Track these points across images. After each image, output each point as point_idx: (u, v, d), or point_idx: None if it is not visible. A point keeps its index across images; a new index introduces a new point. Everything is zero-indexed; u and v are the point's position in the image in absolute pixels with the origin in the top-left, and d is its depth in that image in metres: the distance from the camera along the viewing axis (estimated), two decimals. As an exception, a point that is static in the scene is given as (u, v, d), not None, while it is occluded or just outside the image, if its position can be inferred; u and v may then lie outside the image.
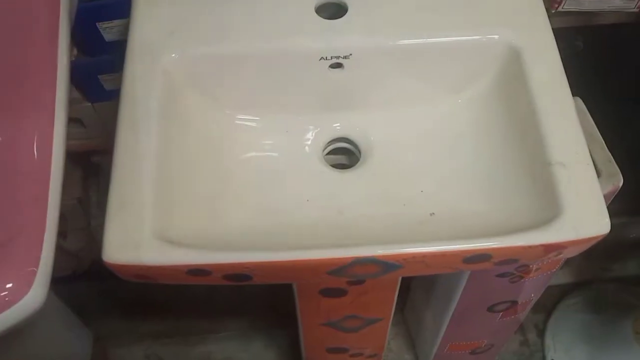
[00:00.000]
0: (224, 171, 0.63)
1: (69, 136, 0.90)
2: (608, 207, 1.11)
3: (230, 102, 0.64)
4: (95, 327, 1.11)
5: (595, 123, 0.73)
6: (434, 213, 0.61)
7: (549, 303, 1.22)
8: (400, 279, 0.79)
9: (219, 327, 1.19)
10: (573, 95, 0.62)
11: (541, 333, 1.19)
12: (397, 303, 1.19)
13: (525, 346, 1.18)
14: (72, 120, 0.87)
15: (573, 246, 0.53)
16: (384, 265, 0.52)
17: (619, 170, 0.66)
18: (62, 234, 1.04)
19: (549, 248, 0.52)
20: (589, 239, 0.53)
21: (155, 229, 0.52)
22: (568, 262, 1.24)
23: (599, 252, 1.24)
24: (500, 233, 0.53)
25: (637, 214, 1.25)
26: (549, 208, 0.54)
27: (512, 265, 0.55)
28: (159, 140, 0.57)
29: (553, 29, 0.64)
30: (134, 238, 0.51)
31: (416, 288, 1.07)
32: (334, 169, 0.66)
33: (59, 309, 1.02)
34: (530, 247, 0.52)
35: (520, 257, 0.54)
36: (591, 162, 0.55)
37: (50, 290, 0.98)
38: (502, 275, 0.79)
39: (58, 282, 1.01)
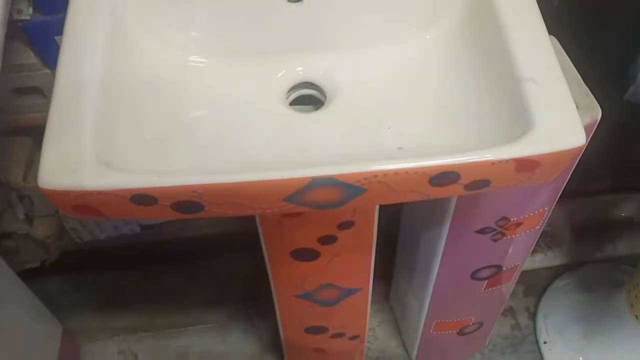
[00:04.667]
0: (175, 112, 0.59)
1: (27, 109, 0.88)
2: (597, 185, 1.07)
3: (183, 43, 0.61)
4: (67, 322, 1.07)
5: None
6: (401, 147, 0.58)
7: (540, 286, 1.18)
8: (374, 238, 0.75)
9: (197, 320, 1.14)
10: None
11: (533, 316, 1.14)
12: (381, 291, 1.15)
13: (517, 329, 1.13)
14: (31, 90, 0.83)
15: (547, 161, 0.49)
16: (346, 187, 0.48)
17: (596, 102, 0.63)
18: (28, 219, 1.00)
19: (521, 164, 0.49)
20: (563, 153, 0.49)
21: (96, 155, 0.48)
22: (558, 243, 1.20)
23: (589, 233, 1.21)
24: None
25: (627, 191, 1.22)
26: (520, 124, 0.50)
27: (484, 190, 0.51)
28: (104, 72, 0.53)
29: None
30: (73, 162, 0.48)
31: (399, 269, 1.03)
32: (297, 111, 0.63)
33: (26, 299, 0.98)
34: (500, 162, 0.48)
35: (491, 177, 0.50)
36: (562, 76, 0.52)
37: (18, 279, 0.95)
38: (482, 232, 0.75)
39: (27, 273, 0.98)
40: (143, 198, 0.48)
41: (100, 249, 1.10)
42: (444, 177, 0.49)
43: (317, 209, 0.51)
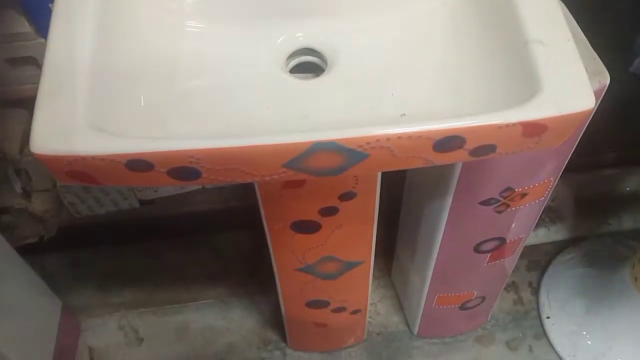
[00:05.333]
0: (172, 78, 0.58)
1: (22, 80, 0.86)
2: (602, 159, 1.04)
3: (179, 7, 0.59)
4: (67, 298, 1.06)
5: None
6: (405, 114, 0.56)
7: (543, 261, 1.17)
8: (376, 210, 0.74)
9: (198, 296, 1.13)
10: None
11: (535, 291, 1.13)
12: (383, 266, 1.15)
13: (520, 305, 1.12)
14: (26, 61, 0.82)
15: (555, 126, 0.48)
16: (347, 153, 0.47)
17: (605, 68, 0.61)
18: (26, 193, 0.99)
19: (528, 128, 0.47)
20: (572, 116, 0.47)
21: (90, 120, 0.47)
22: (562, 217, 1.19)
23: (593, 207, 1.20)
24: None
25: (632, 164, 1.20)
26: (527, 88, 0.49)
27: (490, 156, 0.50)
28: (98, 37, 0.51)
29: None
30: (66, 127, 0.46)
31: (401, 244, 1.02)
32: (297, 77, 0.61)
33: (24, 275, 0.97)
34: (507, 126, 0.47)
35: (497, 142, 0.49)
36: (572, 38, 0.50)
37: (17, 254, 0.94)
38: (486, 203, 0.74)
39: (26, 249, 0.97)
40: (138, 164, 0.46)
41: (99, 225, 1.09)
42: (448, 142, 0.47)
43: (318, 177, 0.50)
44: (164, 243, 1.18)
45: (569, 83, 0.48)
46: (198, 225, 1.16)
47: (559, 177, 0.74)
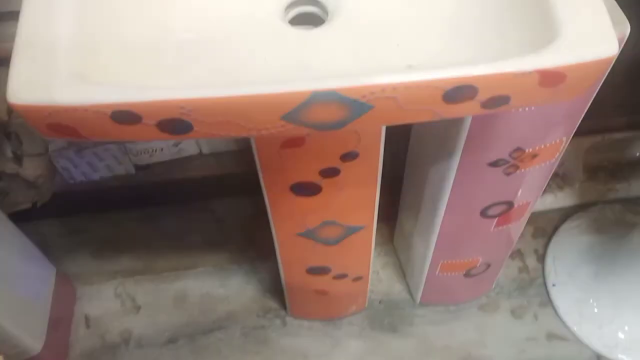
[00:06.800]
0: (163, 27, 0.54)
1: (7, 37, 0.82)
2: (612, 123, 0.99)
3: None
4: (62, 265, 1.04)
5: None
6: (411, 65, 0.53)
7: (549, 228, 1.14)
8: (379, 171, 0.70)
9: (196, 263, 1.11)
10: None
11: (541, 258, 1.11)
12: (385, 234, 1.12)
13: (525, 272, 1.10)
14: (11, 16, 0.78)
15: (574, 74, 0.44)
16: (350, 104, 0.44)
17: (625, 17, 0.57)
18: (17, 158, 0.95)
19: (545, 76, 0.44)
20: (592, 64, 0.44)
21: (72, 68, 0.44)
22: (570, 183, 1.16)
23: (602, 172, 1.17)
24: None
25: (642, 128, 1.17)
26: (545, 33, 0.45)
27: (503, 109, 0.47)
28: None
29: None
30: (46, 76, 0.43)
31: (404, 209, 0.99)
32: (297, 28, 0.58)
33: (17, 242, 0.94)
34: (522, 74, 0.43)
35: (511, 93, 0.45)
36: (593, -20, 0.46)
37: (9, 220, 0.91)
38: (495, 164, 0.70)
39: (19, 215, 0.94)
40: (125, 115, 0.43)
41: (94, 191, 1.06)
42: (459, 92, 0.44)
43: (318, 131, 0.47)
44: (162, 209, 1.15)
45: (589, 28, 0.44)
46: (196, 192, 1.13)
47: (570, 138, 0.71)
